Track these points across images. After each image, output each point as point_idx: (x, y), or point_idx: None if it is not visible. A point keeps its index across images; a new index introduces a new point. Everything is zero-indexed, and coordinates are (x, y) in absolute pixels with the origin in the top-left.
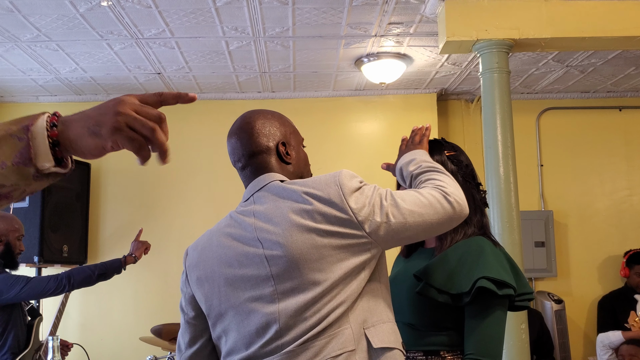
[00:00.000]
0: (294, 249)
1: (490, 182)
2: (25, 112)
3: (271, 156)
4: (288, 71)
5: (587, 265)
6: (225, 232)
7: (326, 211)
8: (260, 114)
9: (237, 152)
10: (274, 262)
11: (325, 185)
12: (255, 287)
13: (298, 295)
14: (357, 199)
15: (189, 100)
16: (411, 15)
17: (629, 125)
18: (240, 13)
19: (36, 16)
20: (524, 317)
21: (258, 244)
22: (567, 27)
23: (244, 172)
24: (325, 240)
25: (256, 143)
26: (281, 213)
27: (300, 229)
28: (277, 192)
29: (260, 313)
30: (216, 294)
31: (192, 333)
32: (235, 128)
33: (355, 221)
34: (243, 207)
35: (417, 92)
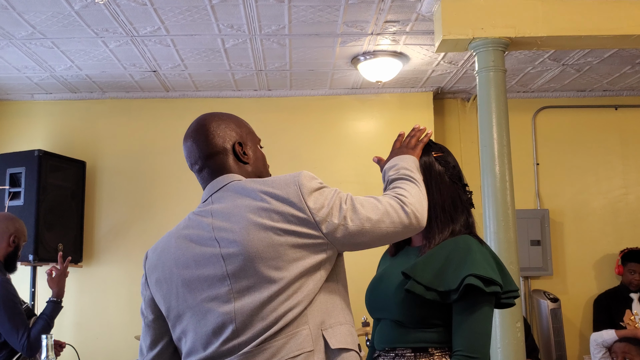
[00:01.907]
0: (251, 247)
1: (486, 181)
2: (21, 110)
3: (228, 157)
4: (284, 69)
5: (582, 263)
6: (183, 234)
7: (284, 210)
8: (214, 116)
9: (193, 155)
10: (230, 261)
11: (285, 185)
12: (212, 287)
13: (254, 294)
14: (316, 199)
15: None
16: (407, 13)
17: (625, 124)
18: (236, 11)
19: (31, 13)
20: (519, 315)
21: (215, 243)
22: (563, 26)
23: (202, 175)
24: (282, 238)
25: (212, 144)
26: (239, 211)
27: (257, 227)
28: (236, 191)
29: (216, 313)
30: (174, 295)
31: (153, 336)
32: (191, 131)
33: (312, 221)
34: (201, 208)
35: (413, 91)
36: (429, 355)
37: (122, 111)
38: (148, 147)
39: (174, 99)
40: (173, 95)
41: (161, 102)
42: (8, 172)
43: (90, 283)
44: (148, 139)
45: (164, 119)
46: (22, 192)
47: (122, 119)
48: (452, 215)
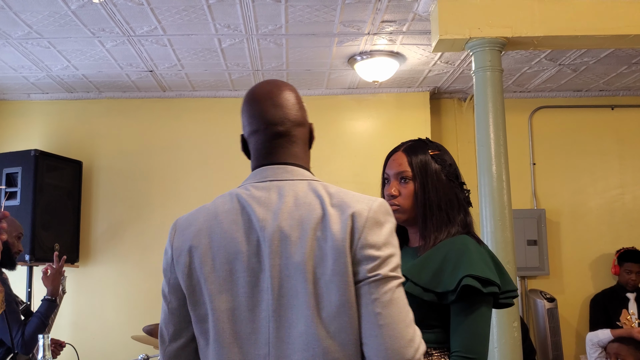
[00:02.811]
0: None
1: (483, 181)
2: (18, 110)
3: (307, 135)
4: (281, 69)
5: (579, 263)
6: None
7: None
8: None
9: (282, 112)
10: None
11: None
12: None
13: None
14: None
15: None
16: (404, 13)
17: (621, 124)
18: (233, 10)
19: (27, 13)
20: (516, 315)
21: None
22: (559, 26)
23: (277, 141)
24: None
25: (303, 113)
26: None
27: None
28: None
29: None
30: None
31: (177, 325)
32: (283, 85)
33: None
34: (257, 191)
35: (410, 91)
36: (428, 356)
37: (118, 111)
38: (145, 147)
39: (171, 98)
40: (170, 95)
41: (158, 102)
42: (4, 172)
43: (87, 283)
44: (145, 138)
45: (161, 119)
46: (19, 192)
47: (119, 119)
48: (449, 214)
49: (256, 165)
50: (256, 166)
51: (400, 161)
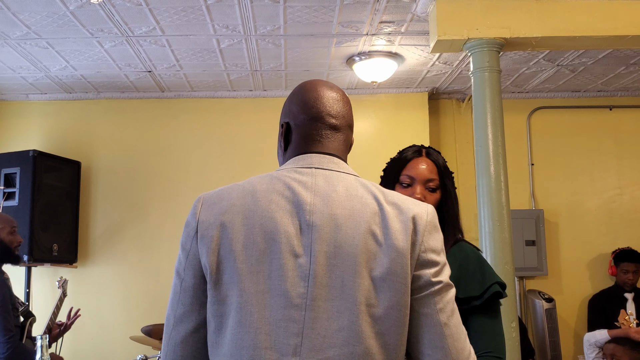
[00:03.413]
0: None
1: (481, 181)
2: (16, 110)
3: (350, 141)
4: (279, 70)
5: (577, 263)
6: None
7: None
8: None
9: (341, 108)
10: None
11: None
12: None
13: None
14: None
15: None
16: (402, 14)
17: (619, 125)
18: (232, 11)
19: (26, 13)
20: (514, 315)
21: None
22: (557, 26)
23: (329, 133)
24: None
25: (352, 118)
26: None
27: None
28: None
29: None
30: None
31: (190, 305)
32: (335, 87)
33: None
34: (302, 176)
35: (408, 91)
36: None
37: (117, 111)
38: (143, 148)
39: (169, 99)
40: (168, 95)
41: (156, 102)
42: (3, 173)
43: (85, 283)
44: (143, 139)
45: (159, 119)
46: (17, 193)
47: (117, 119)
48: (458, 221)
49: (301, 152)
50: (301, 152)
51: (431, 168)
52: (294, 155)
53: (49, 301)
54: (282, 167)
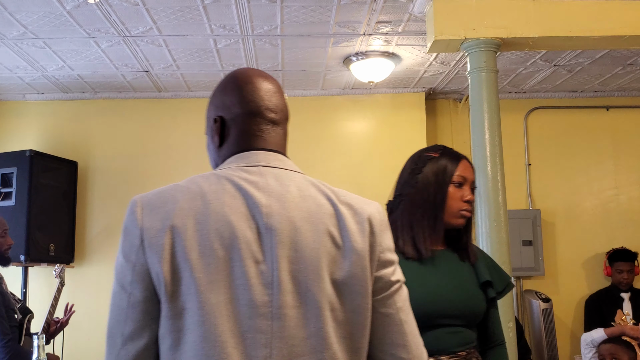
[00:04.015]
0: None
1: (478, 181)
2: (13, 110)
3: (287, 134)
4: (276, 70)
5: (574, 264)
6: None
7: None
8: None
9: (279, 101)
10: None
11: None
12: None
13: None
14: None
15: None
16: (399, 14)
17: (616, 125)
18: (228, 11)
19: (22, 13)
20: (511, 315)
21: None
22: (554, 27)
23: (271, 128)
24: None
25: (288, 110)
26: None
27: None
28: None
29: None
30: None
31: (139, 321)
32: (272, 78)
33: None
34: (250, 175)
35: (405, 91)
36: (475, 350)
37: (114, 111)
38: (140, 148)
39: (166, 99)
40: (165, 95)
41: (153, 102)
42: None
43: (82, 283)
44: (140, 139)
45: (156, 119)
46: (14, 193)
47: (114, 119)
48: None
49: (242, 149)
50: (241, 150)
51: (473, 170)
52: (233, 152)
53: (46, 301)
54: (225, 166)
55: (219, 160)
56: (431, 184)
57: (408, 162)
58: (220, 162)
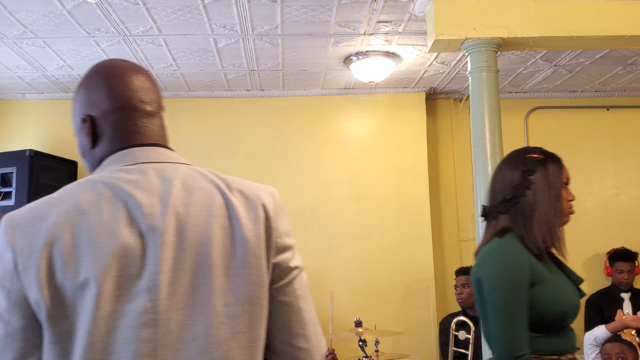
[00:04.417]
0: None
1: (479, 181)
2: (13, 110)
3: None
4: (277, 69)
5: (574, 264)
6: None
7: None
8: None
9: (150, 94)
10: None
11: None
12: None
13: None
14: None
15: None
16: (400, 13)
17: (617, 125)
18: (229, 10)
19: (22, 12)
20: None
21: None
22: (555, 26)
23: (147, 121)
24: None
25: (162, 99)
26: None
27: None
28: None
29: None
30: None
31: (21, 350)
32: (140, 68)
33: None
34: (130, 175)
35: (406, 91)
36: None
37: None
38: None
39: (166, 98)
40: (165, 95)
41: None
42: None
43: None
44: None
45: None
46: (14, 192)
47: None
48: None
49: (119, 148)
50: (119, 148)
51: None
52: (110, 152)
53: None
54: (103, 169)
55: (95, 162)
56: (548, 186)
57: (510, 165)
58: (97, 165)
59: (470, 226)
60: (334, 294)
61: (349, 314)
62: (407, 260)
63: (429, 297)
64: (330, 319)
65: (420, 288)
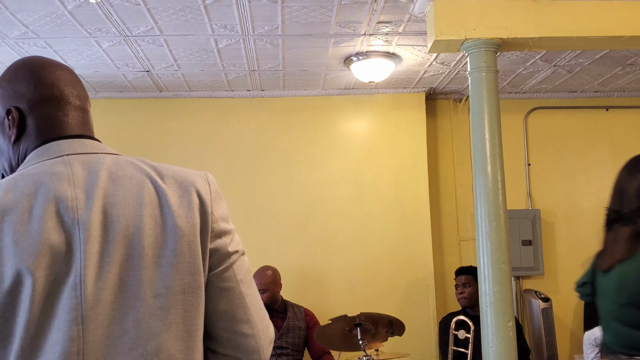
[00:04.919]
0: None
1: (478, 181)
2: None
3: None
4: (277, 70)
5: (573, 263)
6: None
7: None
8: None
9: (80, 89)
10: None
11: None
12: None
13: None
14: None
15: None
16: (400, 14)
17: (616, 125)
18: (229, 11)
19: (24, 13)
20: (510, 315)
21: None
22: (554, 27)
23: (75, 114)
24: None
25: (88, 96)
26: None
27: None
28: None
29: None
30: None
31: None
32: (63, 64)
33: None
34: (54, 167)
35: (405, 92)
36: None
37: (115, 111)
38: (141, 147)
39: (167, 99)
40: (166, 95)
41: (154, 102)
42: None
43: None
44: (141, 138)
45: (157, 119)
46: None
47: (115, 119)
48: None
49: (44, 140)
50: (43, 141)
51: None
52: (34, 145)
53: None
54: (26, 164)
55: (15, 159)
56: None
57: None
58: (19, 161)
59: (469, 226)
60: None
61: (349, 313)
62: (406, 260)
63: (428, 296)
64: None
65: (419, 287)
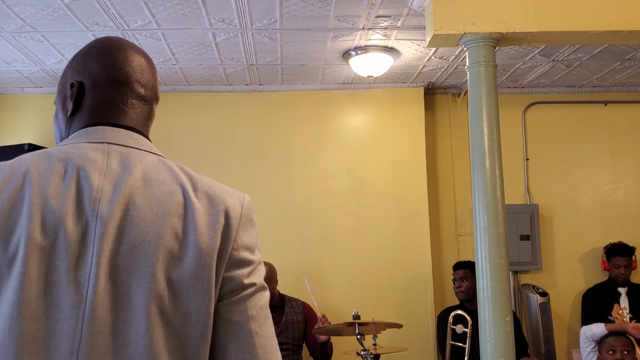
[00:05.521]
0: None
1: (476, 176)
2: (11, 104)
3: (153, 117)
4: (276, 64)
5: (571, 258)
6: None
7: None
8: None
9: (148, 77)
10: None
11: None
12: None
13: None
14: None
15: None
16: (399, 8)
17: (614, 120)
18: (227, 4)
19: (20, 6)
20: (508, 309)
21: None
22: (553, 21)
23: (135, 103)
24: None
25: (158, 90)
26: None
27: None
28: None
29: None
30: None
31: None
32: (143, 51)
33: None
34: (92, 152)
35: (404, 86)
36: None
37: None
38: None
39: (165, 93)
40: (164, 89)
41: None
42: None
43: None
44: None
45: (155, 113)
46: None
47: None
48: None
49: (92, 122)
50: (93, 123)
51: None
52: (82, 125)
53: None
54: (68, 141)
55: (65, 134)
56: None
57: None
58: (66, 137)
59: (467, 221)
60: (306, 274)
61: (347, 307)
62: (405, 254)
63: (426, 290)
64: (312, 299)
65: (418, 282)
